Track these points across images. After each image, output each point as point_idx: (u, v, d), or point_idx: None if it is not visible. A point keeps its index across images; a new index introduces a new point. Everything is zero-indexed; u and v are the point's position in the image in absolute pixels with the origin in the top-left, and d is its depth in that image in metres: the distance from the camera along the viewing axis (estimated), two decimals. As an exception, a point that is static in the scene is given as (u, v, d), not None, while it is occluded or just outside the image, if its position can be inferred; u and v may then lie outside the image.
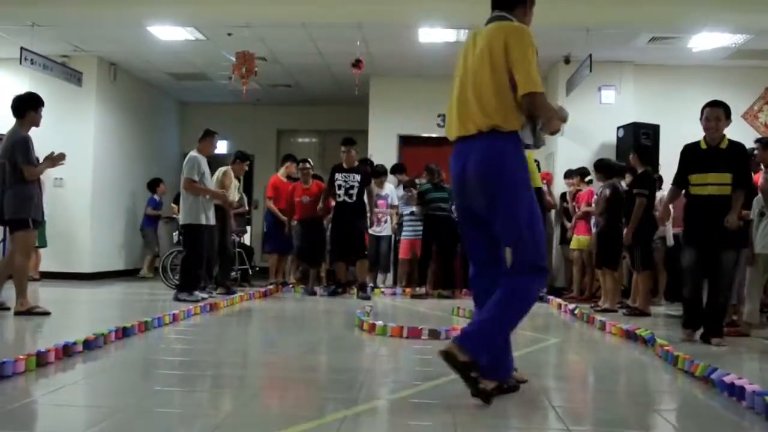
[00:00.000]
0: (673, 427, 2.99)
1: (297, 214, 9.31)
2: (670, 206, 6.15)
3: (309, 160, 9.86)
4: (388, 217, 9.69)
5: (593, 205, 8.23)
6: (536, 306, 7.95)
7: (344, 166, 8.70)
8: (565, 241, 9.51)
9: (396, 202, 9.80)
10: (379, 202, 9.50)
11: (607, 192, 7.65)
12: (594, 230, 8.21)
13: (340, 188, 8.58)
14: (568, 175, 9.46)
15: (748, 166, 5.45)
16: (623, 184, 7.81)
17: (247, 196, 11.84)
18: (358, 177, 8.63)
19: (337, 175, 8.66)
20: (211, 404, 3.00)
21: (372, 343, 5.02)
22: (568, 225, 9.26)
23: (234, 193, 8.83)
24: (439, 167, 9.13)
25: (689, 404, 3.38)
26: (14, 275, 6.01)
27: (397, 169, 10.30)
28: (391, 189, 9.89)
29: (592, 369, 4.53)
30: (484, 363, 3.11)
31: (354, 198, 8.58)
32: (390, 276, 10.02)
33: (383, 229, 9.65)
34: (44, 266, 9.99)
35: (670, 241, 8.24)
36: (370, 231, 9.48)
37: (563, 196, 9.76)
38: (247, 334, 5.75)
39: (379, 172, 9.71)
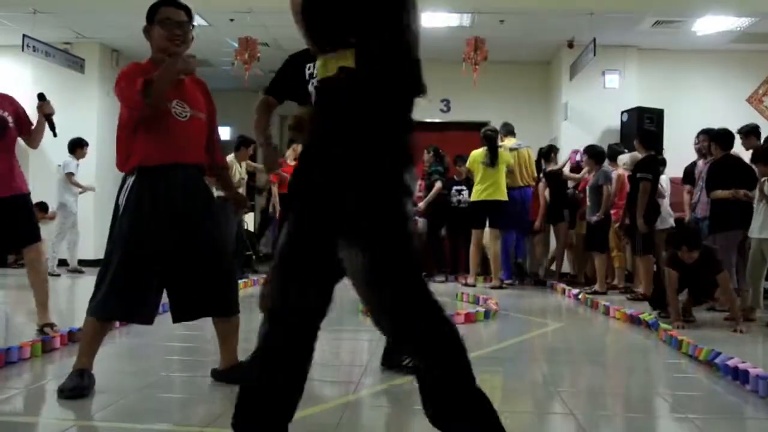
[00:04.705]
0: (677, 411, 3.00)
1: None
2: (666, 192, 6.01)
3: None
4: None
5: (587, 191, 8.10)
6: (539, 291, 8.00)
7: None
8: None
9: None
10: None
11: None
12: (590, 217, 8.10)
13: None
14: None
15: None
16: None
17: (251, 181, 11.81)
18: None
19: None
20: (215, 390, 3.02)
21: (375, 328, 5.01)
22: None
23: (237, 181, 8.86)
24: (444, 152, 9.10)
25: (693, 388, 3.39)
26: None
27: None
28: None
29: (595, 353, 4.54)
30: None
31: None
32: None
33: None
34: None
35: (670, 223, 8.06)
36: None
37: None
38: (251, 320, 5.75)
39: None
